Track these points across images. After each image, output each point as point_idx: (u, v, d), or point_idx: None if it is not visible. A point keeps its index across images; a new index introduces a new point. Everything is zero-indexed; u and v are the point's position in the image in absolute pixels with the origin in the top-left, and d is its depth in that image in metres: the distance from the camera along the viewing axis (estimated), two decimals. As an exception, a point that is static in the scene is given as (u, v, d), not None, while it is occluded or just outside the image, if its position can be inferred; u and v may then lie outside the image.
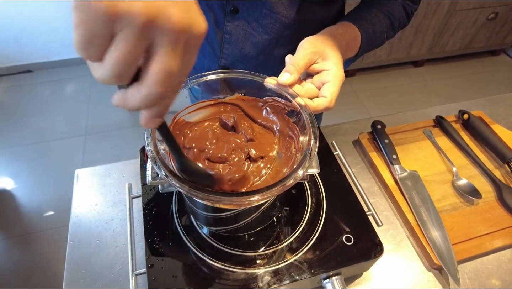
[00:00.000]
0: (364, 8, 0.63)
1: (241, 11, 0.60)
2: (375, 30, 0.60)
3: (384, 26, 0.62)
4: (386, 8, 0.63)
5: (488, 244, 0.59)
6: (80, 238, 0.59)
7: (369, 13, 0.61)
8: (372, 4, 0.63)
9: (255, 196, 0.37)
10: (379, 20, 0.61)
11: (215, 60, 0.69)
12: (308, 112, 0.45)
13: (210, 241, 0.52)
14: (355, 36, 0.57)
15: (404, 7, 0.65)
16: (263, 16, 0.60)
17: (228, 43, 0.65)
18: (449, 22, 2.26)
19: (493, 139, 0.73)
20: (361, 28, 0.58)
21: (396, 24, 0.65)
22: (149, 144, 0.41)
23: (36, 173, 1.86)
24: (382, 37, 0.63)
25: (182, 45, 0.24)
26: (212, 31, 0.65)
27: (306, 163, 0.40)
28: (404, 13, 0.65)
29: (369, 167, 0.71)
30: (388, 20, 0.63)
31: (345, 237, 0.52)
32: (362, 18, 0.60)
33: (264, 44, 0.64)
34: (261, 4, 0.58)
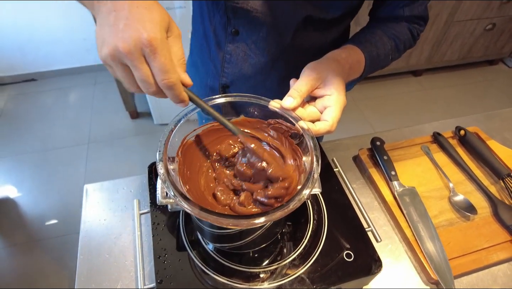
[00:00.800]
0: (368, 31, 0.64)
1: (241, 33, 0.63)
2: (379, 53, 0.61)
3: (389, 48, 0.63)
4: (391, 31, 0.64)
5: (484, 258, 0.61)
6: (90, 252, 0.61)
7: (373, 36, 0.62)
8: (377, 27, 0.65)
9: (261, 218, 0.39)
10: (384, 43, 0.62)
11: (217, 78, 0.72)
12: (310, 135, 0.47)
13: (216, 256, 0.54)
14: (358, 60, 0.58)
15: (409, 29, 0.66)
16: (260, 39, 0.63)
17: (228, 63, 0.68)
18: (447, 32, 2.30)
19: (488, 156, 0.75)
20: (365, 51, 0.59)
21: (401, 46, 0.65)
22: (160, 164, 0.44)
23: (39, 181, 1.88)
24: (386, 60, 0.64)
25: (138, 59, 0.37)
26: (215, 51, 0.69)
27: (309, 184, 0.43)
28: (410, 35, 0.66)
29: (368, 182, 0.74)
30: (393, 42, 0.64)
31: (345, 253, 0.54)
32: (367, 41, 0.61)
33: (262, 66, 0.67)
34: (259, 28, 0.61)
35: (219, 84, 0.73)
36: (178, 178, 0.47)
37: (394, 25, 0.65)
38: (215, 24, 0.65)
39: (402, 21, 0.65)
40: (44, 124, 2.19)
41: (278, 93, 0.51)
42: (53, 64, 2.45)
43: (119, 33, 0.36)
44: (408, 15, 0.64)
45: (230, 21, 0.62)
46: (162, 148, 0.45)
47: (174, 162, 0.48)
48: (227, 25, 0.63)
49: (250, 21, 0.60)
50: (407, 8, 0.63)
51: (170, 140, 0.46)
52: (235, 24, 0.62)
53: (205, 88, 0.77)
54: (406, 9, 0.63)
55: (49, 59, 2.41)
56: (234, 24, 0.62)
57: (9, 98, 2.37)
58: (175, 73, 0.39)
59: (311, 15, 0.58)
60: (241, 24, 0.62)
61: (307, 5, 0.57)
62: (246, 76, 0.70)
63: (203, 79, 0.76)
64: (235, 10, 0.59)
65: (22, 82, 2.47)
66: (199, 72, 0.77)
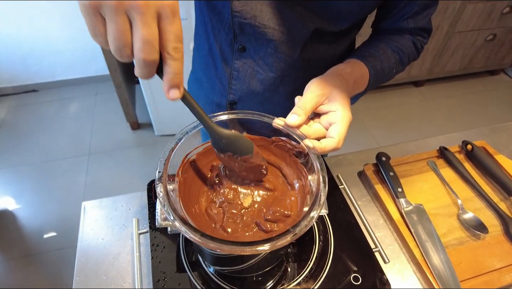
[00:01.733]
0: (372, 44, 0.63)
1: (248, 49, 0.62)
2: (383, 67, 0.60)
3: (393, 62, 0.62)
4: (395, 44, 0.63)
5: (497, 280, 0.59)
6: (86, 273, 0.59)
7: (377, 49, 0.61)
8: (381, 40, 0.64)
9: (265, 245, 0.37)
10: (388, 56, 0.62)
11: (224, 95, 0.71)
12: (316, 154, 0.45)
13: (217, 280, 0.52)
14: (362, 74, 0.57)
15: (413, 42, 0.65)
16: (268, 55, 0.61)
17: (236, 80, 0.67)
18: (448, 43, 2.30)
19: (497, 171, 0.73)
20: (369, 65, 0.58)
21: (405, 59, 0.65)
22: (159, 185, 0.42)
23: (38, 193, 1.86)
24: (391, 73, 0.63)
25: (152, 16, 0.31)
26: (221, 67, 0.67)
27: (317, 206, 0.41)
28: (413, 47, 0.65)
29: (374, 199, 0.72)
30: (397, 55, 0.63)
31: (353, 277, 0.52)
32: (370, 55, 0.60)
33: (270, 82, 0.65)
34: (266, 43, 0.60)
35: (227, 101, 0.72)
36: (178, 199, 0.45)
37: (398, 38, 0.64)
38: (220, 41, 0.63)
39: (405, 33, 0.64)
40: (45, 136, 2.18)
41: (287, 108, 0.50)
42: (54, 75, 2.45)
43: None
44: (412, 27, 0.63)
45: (236, 38, 0.60)
46: (162, 167, 0.43)
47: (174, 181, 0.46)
48: (233, 41, 0.61)
49: (258, 37, 0.59)
50: (411, 20, 0.62)
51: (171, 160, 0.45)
52: (241, 40, 0.61)
53: (211, 105, 0.75)
54: (410, 21, 0.62)
55: (50, 70, 2.42)
56: (241, 40, 0.61)
57: (9, 109, 2.37)
58: (182, 43, 0.34)
59: (320, 28, 0.57)
60: (248, 40, 0.61)
61: (316, 18, 0.56)
62: (254, 92, 0.68)
63: (209, 95, 0.75)
64: (242, 26, 0.58)
65: (23, 93, 2.47)
66: (204, 88, 0.76)
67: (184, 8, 1.56)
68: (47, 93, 2.49)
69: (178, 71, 0.35)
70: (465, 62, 2.51)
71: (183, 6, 1.58)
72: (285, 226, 0.45)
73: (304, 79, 0.58)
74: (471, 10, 2.13)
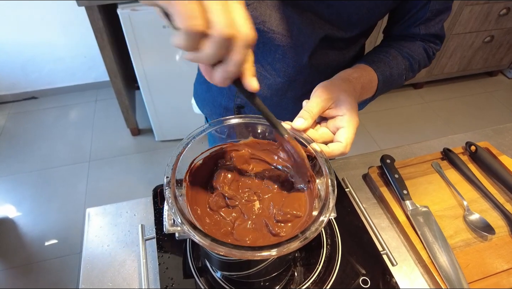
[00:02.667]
0: (382, 50, 0.63)
1: (256, 54, 0.62)
2: (392, 73, 0.60)
3: (402, 68, 0.61)
4: (406, 50, 0.63)
5: (506, 282, 0.58)
6: (92, 282, 0.58)
7: (387, 55, 0.61)
8: (391, 46, 0.63)
9: (275, 250, 0.37)
10: (398, 62, 0.61)
11: (231, 98, 0.71)
12: (324, 158, 0.45)
13: (224, 285, 0.52)
14: (370, 80, 0.57)
15: (424, 48, 0.64)
16: (276, 60, 0.61)
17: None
18: (446, 45, 2.31)
19: (502, 172, 0.73)
20: (378, 71, 0.58)
21: (416, 66, 0.64)
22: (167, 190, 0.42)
23: (39, 200, 1.85)
24: (400, 79, 0.62)
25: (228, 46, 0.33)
26: None
27: (326, 210, 0.40)
28: (425, 54, 0.64)
29: (380, 202, 0.71)
30: (408, 62, 0.62)
31: (361, 280, 0.52)
32: (380, 60, 0.60)
33: (278, 87, 0.65)
34: (274, 49, 0.60)
35: (234, 104, 0.71)
36: (185, 204, 0.45)
37: (409, 44, 0.63)
38: None
39: (417, 39, 0.64)
40: (45, 143, 2.17)
41: (295, 113, 0.49)
42: (54, 82, 2.45)
43: None
44: (424, 33, 0.62)
45: None
46: (170, 172, 0.43)
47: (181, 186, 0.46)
48: None
49: (266, 42, 0.59)
50: (423, 26, 0.61)
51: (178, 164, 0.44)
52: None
53: (219, 108, 0.75)
54: (422, 27, 0.61)
55: (50, 77, 2.41)
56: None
57: (9, 117, 2.36)
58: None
59: (329, 34, 0.57)
60: (256, 45, 0.60)
61: (325, 25, 0.56)
62: (261, 97, 0.68)
63: (217, 98, 0.75)
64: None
65: (23, 100, 2.47)
66: (212, 91, 0.76)
67: None
68: (47, 100, 2.48)
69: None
70: (463, 64, 2.52)
71: None
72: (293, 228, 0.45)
73: (312, 84, 0.57)
74: (469, 12, 2.14)
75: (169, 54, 1.69)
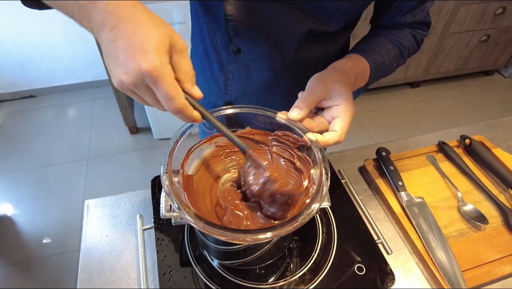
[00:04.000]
0: (372, 39, 0.64)
1: (243, 51, 0.62)
2: (384, 61, 0.61)
3: (393, 56, 0.63)
4: (395, 38, 0.64)
5: (498, 270, 0.59)
6: (91, 270, 0.59)
7: (377, 44, 0.62)
8: (380, 34, 0.65)
9: (267, 233, 0.38)
10: (388, 50, 0.62)
11: (220, 96, 0.72)
12: (319, 147, 0.46)
13: (222, 272, 0.53)
14: (363, 69, 0.58)
15: (413, 35, 0.66)
16: (263, 56, 0.62)
17: (231, 81, 0.68)
18: (443, 44, 2.33)
19: (495, 164, 0.74)
20: (370, 60, 0.59)
21: (406, 53, 0.65)
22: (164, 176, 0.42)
23: (37, 198, 1.85)
24: (392, 67, 0.64)
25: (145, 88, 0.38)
26: (217, 69, 0.68)
27: (319, 198, 0.41)
28: (413, 40, 0.66)
29: (375, 193, 0.72)
30: (398, 49, 0.64)
31: (357, 267, 0.52)
32: (371, 49, 0.61)
33: (265, 82, 0.66)
34: (261, 45, 0.60)
35: (223, 101, 0.72)
36: (182, 191, 0.46)
37: (397, 32, 0.65)
38: (216, 43, 0.64)
39: (404, 27, 0.65)
40: (43, 141, 2.17)
41: (282, 108, 0.50)
42: (52, 81, 2.45)
43: (122, 67, 0.36)
44: (411, 21, 0.64)
45: (231, 40, 0.61)
46: (167, 159, 0.44)
47: (178, 174, 0.47)
48: (228, 43, 0.62)
49: (252, 39, 0.60)
50: (408, 15, 0.63)
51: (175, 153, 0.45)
52: (236, 42, 0.61)
53: (208, 105, 0.76)
54: (408, 16, 0.63)
55: (49, 76, 2.42)
56: (236, 42, 0.61)
57: (7, 115, 2.36)
58: (179, 99, 0.38)
59: (313, 28, 0.58)
60: (242, 42, 0.61)
61: (309, 19, 0.57)
62: (250, 93, 0.69)
63: (206, 96, 0.76)
64: (236, 29, 0.58)
65: (21, 99, 2.47)
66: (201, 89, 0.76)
67: (182, 12, 1.58)
68: (45, 99, 2.48)
69: (185, 116, 0.42)
70: (460, 63, 2.54)
71: (181, 10, 1.59)
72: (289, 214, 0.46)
73: (299, 79, 0.58)
74: (465, 11, 2.16)
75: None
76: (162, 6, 1.53)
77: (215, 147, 0.53)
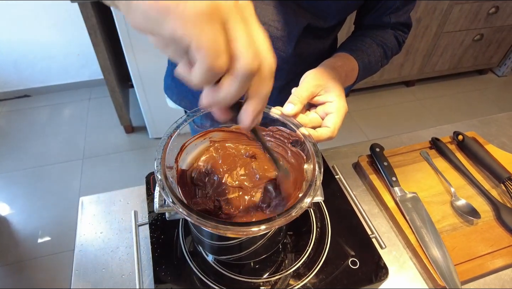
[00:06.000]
0: (358, 39, 0.66)
1: None
2: (370, 60, 0.63)
3: (378, 55, 0.65)
4: (380, 38, 0.66)
5: (490, 263, 0.60)
6: (85, 267, 0.59)
7: (364, 44, 0.64)
8: (365, 35, 0.67)
9: (261, 226, 0.38)
10: (374, 50, 0.64)
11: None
12: (312, 142, 0.47)
13: (217, 267, 0.53)
14: (353, 68, 0.60)
15: (395, 36, 0.69)
16: None
17: None
18: (437, 43, 2.35)
19: (488, 160, 0.75)
20: (358, 59, 0.61)
21: (389, 53, 0.68)
22: (158, 170, 0.43)
23: (32, 198, 1.84)
24: (377, 66, 0.66)
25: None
26: None
27: (312, 192, 0.42)
28: (396, 41, 0.69)
29: (369, 189, 0.73)
30: (382, 49, 0.66)
31: (350, 261, 0.53)
32: (358, 49, 0.63)
33: None
34: None
35: None
36: (176, 186, 0.46)
37: (381, 33, 0.67)
38: None
39: (388, 28, 0.68)
40: (38, 141, 2.16)
41: (278, 103, 0.51)
42: (47, 80, 2.44)
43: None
44: (394, 22, 0.66)
45: None
46: (161, 154, 0.44)
47: (172, 169, 0.47)
48: None
49: None
50: (393, 15, 0.66)
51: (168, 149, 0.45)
52: None
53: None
54: (392, 16, 0.66)
55: (43, 75, 2.40)
56: None
57: (1, 115, 2.34)
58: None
59: (311, 23, 0.59)
60: None
61: (307, 14, 0.58)
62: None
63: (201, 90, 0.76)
64: None
65: (15, 98, 2.45)
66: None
67: None
68: (40, 98, 2.47)
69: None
70: (454, 62, 2.56)
71: None
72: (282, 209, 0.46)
73: (296, 73, 0.59)
74: (458, 10, 2.18)
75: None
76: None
77: (209, 142, 0.53)
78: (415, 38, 2.25)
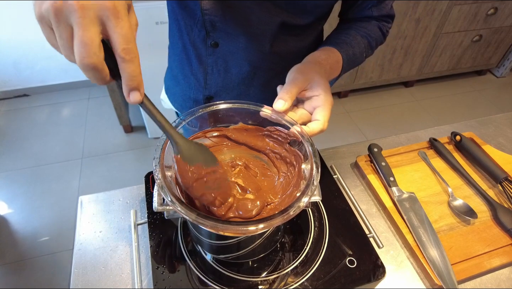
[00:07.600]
0: (343, 32, 0.67)
1: (221, 45, 0.64)
2: (355, 52, 0.64)
3: (363, 47, 0.66)
4: (364, 30, 0.67)
5: (486, 263, 0.60)
6: (84, 265, 0.59)
7: (348, 36, 0.65)
8: (350, 27, 0.68)
9: (259, 225, 0.38)
10: (358, 42, 0.65)
11: (200, 90, 0.73)
12: (309, 142, 0.47)
13: (215, 266, 0.53)
14: (337, 60, 0.60)
15: (379, 27, 0.70)
16: (240, 49, 0.64)
17: (210, 75, 0.69)
18: (436, 44, 2.35)
19: (485, 160, 0.76)
20: (342, 51, 0.62)
21: (374, 43, 0.69)
22: (157, 169, 0.43)
23: (31, 198, 1.84)
24: (361, 57, 0.67)
25: (91, 19, 0.30)
26: (196, 64, 0.69)
27: (309, 191, 0.42)
28: (380, 32, 0.70)
29: (367, 189, 0.73)
30: (366, 40, 0.67)
31: (348, 260, 0.53)
32: (343, 41, 0.64)
33: (244, 75, 0.68)
34: (237, 38, 0.62)
35: (203, 96, 0.73)
36: (175, 185, 0.46)
37: (366, 24, 0.68)
38: (194, 38, 0.65)
39: (372, 20, 0.69)
40: (37, 140, 2.16)
41: (261, 100, 0.52)
42: (46, 80, 2.44)
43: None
44: (377, 15, 0.67)
45: (209, 34, 0.62)
46: (159, 153, 0.44)
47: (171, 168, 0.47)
48: (206, 38, 0.63)
49: (229, 33, 0.61)
50: (375, 9, 0.67)
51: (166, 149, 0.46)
52: (214, 36, 0.63)
53: (189, 101, 0.77)
54: (374, 10, 0.67)
55: (43, 75, 2.40)
56: (213, 36, 0.63)
57: (1, 114, 2.34)
58: (136, 49, 0.33)
59: (287, 21, 0.60)
60: (220, 36, 0.63)
61: (282, 12, 0.59)
62: (229, 86, 0.70)
63: (186, 92, 0.77)
64: (213, 23, 0.60)
65: (14, 98, 2.45)
66: (180, 85, 0.77)
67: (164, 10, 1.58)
68: (39, 98, 2.47)
69: (134, 73, 0.33)
70: (453, 63, 2.57)
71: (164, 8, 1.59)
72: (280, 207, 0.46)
73: (276, 71, 0.60)
74: (457, 11, 2.18)
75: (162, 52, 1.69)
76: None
77: (209, 141, 0.53)
78: (414, 39, 2.25)
